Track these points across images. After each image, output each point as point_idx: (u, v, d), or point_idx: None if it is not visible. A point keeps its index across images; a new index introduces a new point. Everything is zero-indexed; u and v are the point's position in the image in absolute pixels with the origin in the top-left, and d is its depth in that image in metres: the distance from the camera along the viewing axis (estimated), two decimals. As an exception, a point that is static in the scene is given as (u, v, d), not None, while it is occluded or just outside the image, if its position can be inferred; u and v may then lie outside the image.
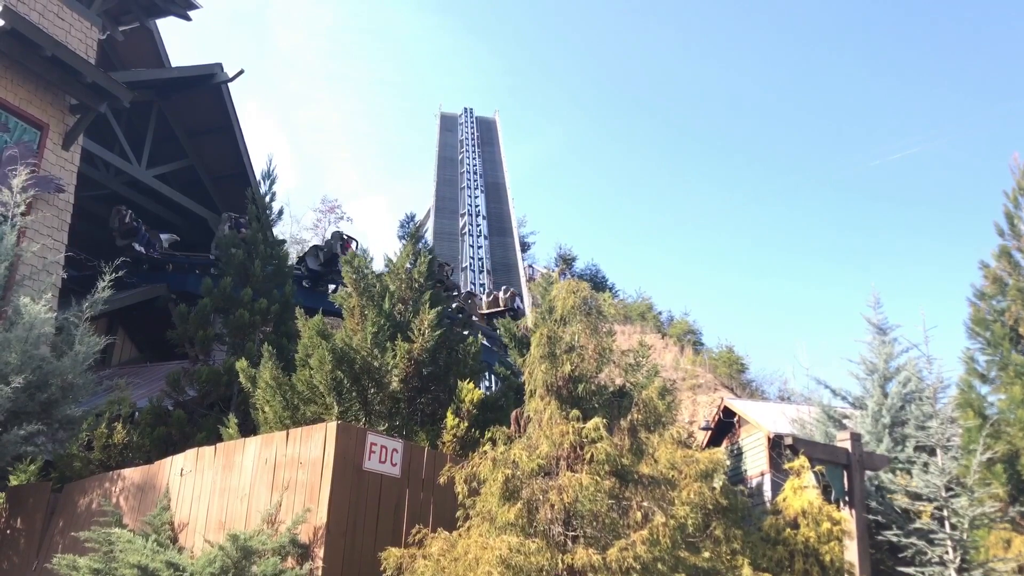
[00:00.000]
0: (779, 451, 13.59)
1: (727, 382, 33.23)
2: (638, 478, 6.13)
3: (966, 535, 9.21)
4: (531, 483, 5.90)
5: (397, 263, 11.19)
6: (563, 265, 44.79)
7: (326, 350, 9.42)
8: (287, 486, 6.76)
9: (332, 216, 53.40)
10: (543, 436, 6.18)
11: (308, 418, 9.40)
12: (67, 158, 12.88)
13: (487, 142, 50.27)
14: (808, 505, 8.67)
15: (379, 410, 9.70)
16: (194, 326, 13.61)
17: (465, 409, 9.36)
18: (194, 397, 12.93)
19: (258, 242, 14.55)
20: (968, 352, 11.59)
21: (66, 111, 12.90)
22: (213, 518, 7.30)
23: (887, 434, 11.48)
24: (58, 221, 12.41)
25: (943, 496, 9.42)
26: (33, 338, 9.13)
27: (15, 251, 9.86)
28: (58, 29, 12.91)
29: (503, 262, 39.31)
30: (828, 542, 8.42)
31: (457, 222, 42.18)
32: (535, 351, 6.75)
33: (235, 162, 20.36)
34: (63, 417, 9.34)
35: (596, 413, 6.30)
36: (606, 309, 7.22)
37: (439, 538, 6.00)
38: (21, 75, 12.10)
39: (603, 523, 5.81)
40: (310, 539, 6.39)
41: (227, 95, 19.68)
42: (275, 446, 7.08)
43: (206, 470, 7.65)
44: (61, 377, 9.32)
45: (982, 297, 11.74)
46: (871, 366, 12.51)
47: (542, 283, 13.78)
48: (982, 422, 10.54)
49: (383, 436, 7.20)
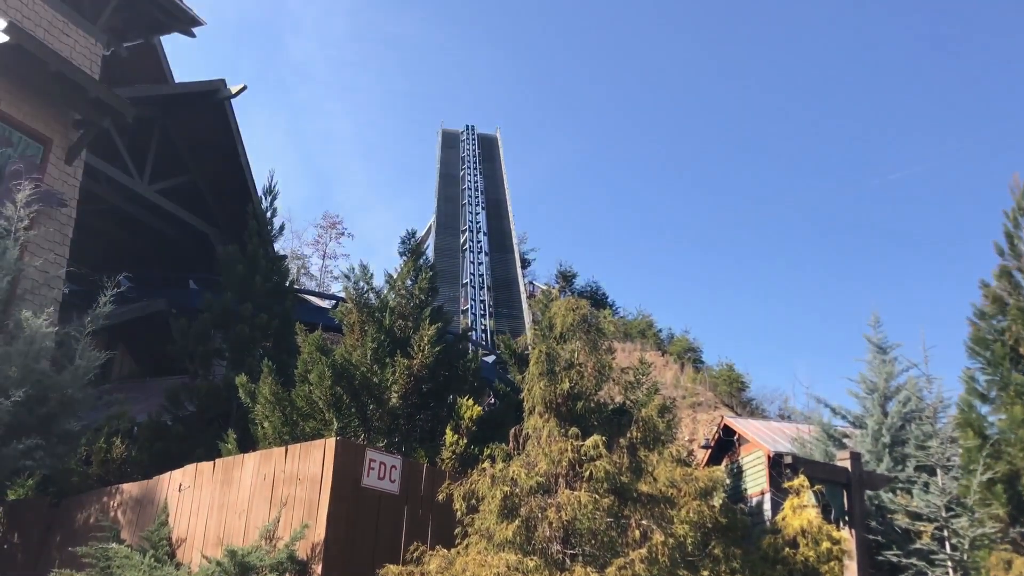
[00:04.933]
0: (779, 470, 13.54)
1: (727, 400, 33.16)
2: (637, 496, 6.12)
3: (967, 556, 9.18)
4: (529, 501, 5.89)
5: (397, 279, 11.21)
6: (563, 282, 44.79)
7: (326, 366, 9.42)
8: (285, 502, 6.74)
9: (333, 232, 53.58)
10: (542, 453, 6.17)
11: (307, 434, 9.38)
12: (70, 173, 12.93)
13: (488, 159, 50.45)
14: (808, 524, 8.65)
15: (378, 426, 9.69)
16: (194, 341, 13.62)
17: (464, 426, 9.35)
18: (193, 412, 12.91)
19: (259, 257, 14.58)
20: (968, 372, 11.57)
21: (70, 126, 12.96)
22: (211, 534, 7.28)
23: (887, 453, 11.46)
24: (60, 236, 12.44)
25: (943, 516, 9.40)
26: (34, 352, 9.14)
27: (17, 265, 9.89)
28: (63, 45, 13.00)
29: (504, 279, 39.31)
30: (828, 561, 8.39)
31: (458, 238, 42.23)
32: (533, 368, 6.76)
33: (237, 178, 20.42)
34: (62, 431, 9.32)
35: (595, 431, 6.30)
36: (605, 326, 7.23)
37: (437, 555, 5.99)
38: (26, 90, 12.17)
39: (602, 541, 5.80)
40: (308, 555, 6.37)
41: (230, 111, 19.76)
42: (274, 462, 7.07)
43: (204, 485, 7.64)
44: (61, 391, 9.32)
45: (982, 317, 11.73)
46: (871, 385, 12.52)
47: (542, 300, 13.79)
48: (982, 442, 10.51)
49: (382, 452, 7.19)
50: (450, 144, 51.50)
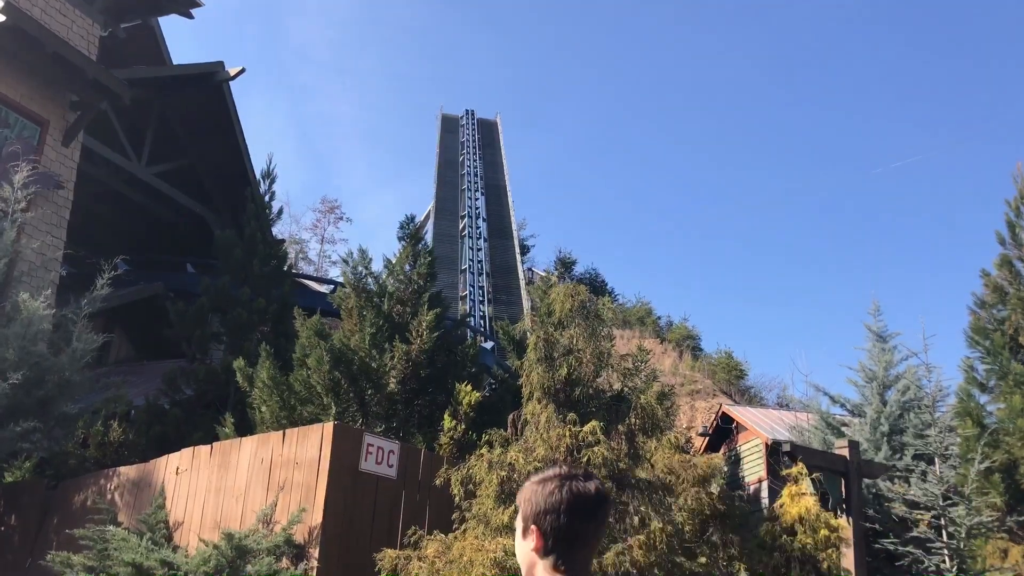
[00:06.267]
0: (777, 458, 13.56)
1: (726, 388, 33.17)
2: (635, 483, 6.11)
3: (963, 544, 9.19)
4: (527, 486, 5.87)
5: (396, 264, 11.17)
6: (562, 268, 44.69)
7: (324, 350, 9.39)
8: (283, 486, 6.73)
9: (331, 216, 53.47)
10: (539, 439, 6.16)
11: (305, 418, 9.37)
12: (67, 155, 12.85)
13: (488, 144, 50.27)
14: (805, 512, 8.64)
15: (376, 411, 9.68)
16: (191, 325, 13.58)
17: (462, 412, 9.33)
18: (191, 396, 12.89)
19: (257, 241, 14.53)
20: (968, 361, 11.57)
21: (67, 108, 12.87)
22: (208, 517, 7.27)
23: (885, 442, 11.47)
24: (57, 218, 12.38)
25: (941, 505, 9.40)
26: (31, 335, 9.10)
27: (14, 247, 9.84)
28: (60, 26, 12.89)
29: (503, 265, 39.25)
30: (825, 549, 8.39)
31: (457, 224, 42.11)
32: (532, 354, 6.74)
33: (235, 161, 20.32)
34: (59, 414, 9.30)
35: (593, 417, 6.29)
36: (605, 313, 7.20)
37: (435, 540, 5.98)
38: (22, 71, 12.08)
39: (599, 527, 5.78)
40: (305, 539, 6.36)
41: (228, 93, 19.64)
42: (271, 446, 7.05)
43: (202, 469, 7.63)
44: (58, 374, 9.29)
45: (982, 306, 11.73)
46: (870, 374, 12.50)
47: (541, 286, 13.77)
48: (981, 431, 10.52)
49: (380, 437, 7.17)
50: (450, 129, 51.30)
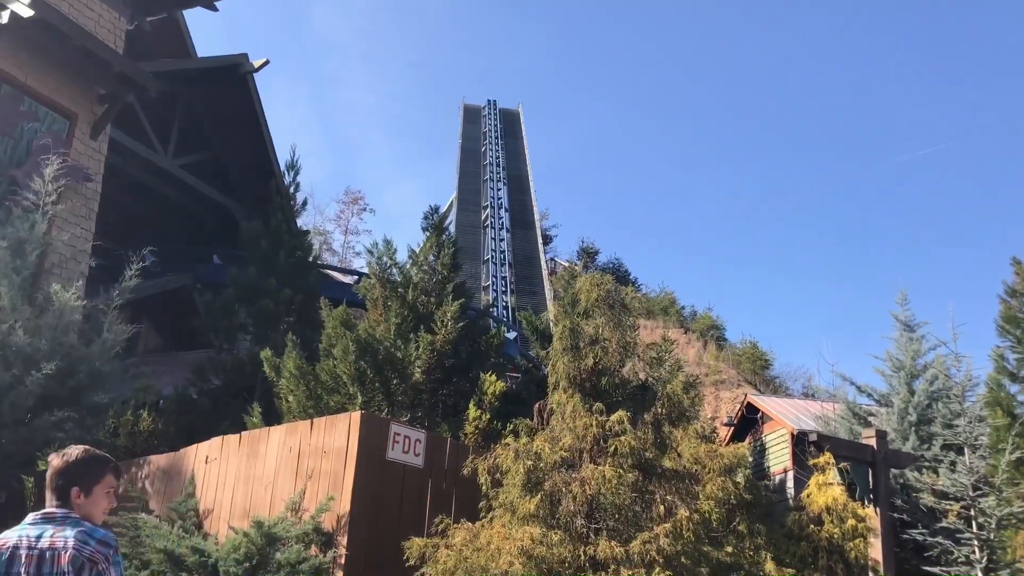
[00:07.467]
0: (802, 448, 13.47)
1: (750, 378, 32.97)
2: (661, 472, 6.10)
3: (993, 535, 9.09)
4: (553, 475, 5.89)
5: (420, 254, 11.20)
6: (585, 258, 44.57)
7: (350, 340, 9.46)
8: (311, 475, 6.80)
9: (355, 207, 53.61)
10: (566, 428, 6.16)
11: (331, 408, 9.45)
12: (95, 147, 13.00)
13: (510, 134, 50.20)
14: (832, 502, 8.58)
15: (402, 401, 9.74)
16: (219, 315, 13.73)
17: (487, 401, 9.37)
18: (218, 386, 13.05)
19: (282, 232, 14.63)
20: (998, 350, 11.43)
21: (94, 101, 13.00)
22: (238, 505, 7.36)
23: (913, 432, 11.35)
24: (86, 210, 12.53)
25: (970, 495, 9.30)
26: (63, 325, 9.24)
27: (45, 239, 9.97)
28: (87, 19, 13.01)
29: (525, 255, 39.25)
30: (853, 539, 8.33)
31: (479, 214, 42.14)
32: (557, 344, 6.74)
33: (260, 152, 20.47)
34: (91, 404, 9.43)
35: (619, 406, 6.28)
36: (630, 303, 7.18)
37: (462, 528, 6.01)
38: (50, 65, 12.21)
39: (626, 516, 5.79)
40: (333, 527, 6.43)
41: (252, 85, 19.77)
42: (299, 435, 7.12)
43: (231, 458, 7.72)
44: (89, 364, 9.42)
45: (1013, 294, 11.57)
46: (898, 363, 12.37)
47: (565, 276, 13.76)
48: (1011, 421, 10.39)
49: (406, 426, 7.22)
50: (472, 119, 51.27)
